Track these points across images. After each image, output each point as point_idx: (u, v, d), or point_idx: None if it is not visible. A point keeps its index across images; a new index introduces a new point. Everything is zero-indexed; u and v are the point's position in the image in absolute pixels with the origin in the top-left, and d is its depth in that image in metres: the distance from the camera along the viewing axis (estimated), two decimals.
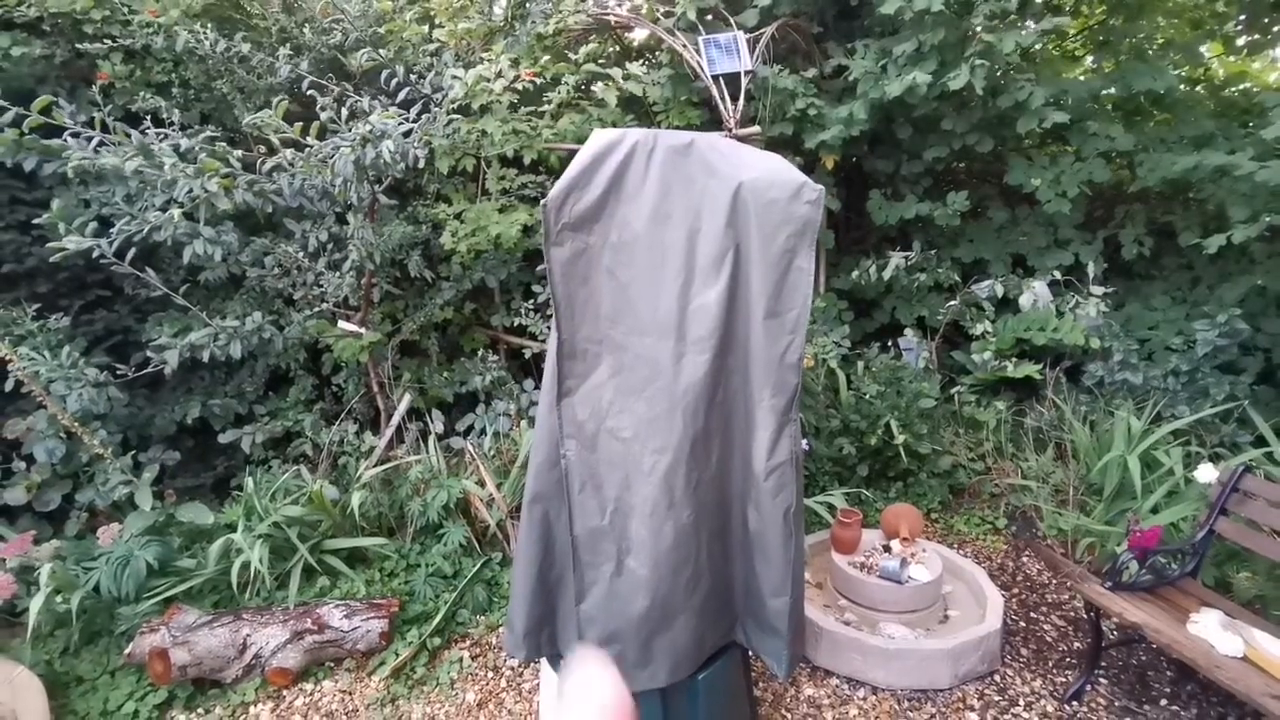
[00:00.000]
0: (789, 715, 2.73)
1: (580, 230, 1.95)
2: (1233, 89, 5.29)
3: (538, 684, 2.83)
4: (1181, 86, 5.00)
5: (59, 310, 3.72)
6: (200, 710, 2.80)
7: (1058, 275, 4.70)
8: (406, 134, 3.26)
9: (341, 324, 3.94)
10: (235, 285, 4.25)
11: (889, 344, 5.07)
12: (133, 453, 3.62)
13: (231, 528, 3.30)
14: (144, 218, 3.14)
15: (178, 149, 3.07)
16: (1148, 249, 4.89)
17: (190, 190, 2.99)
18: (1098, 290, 4.41)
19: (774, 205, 1.92)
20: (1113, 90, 4.77)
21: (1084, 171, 4.68)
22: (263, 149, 3.50)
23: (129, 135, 3.05)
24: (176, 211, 3.01)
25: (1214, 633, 2.45)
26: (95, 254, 3.18)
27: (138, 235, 3.16)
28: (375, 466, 3.76)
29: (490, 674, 2.99)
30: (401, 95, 3.52)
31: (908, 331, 5.06)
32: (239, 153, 3.28)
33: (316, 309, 4.04)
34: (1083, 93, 4.61)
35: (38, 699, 2.54)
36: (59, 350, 3.39)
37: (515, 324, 4.52)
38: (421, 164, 3.48)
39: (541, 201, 1.92)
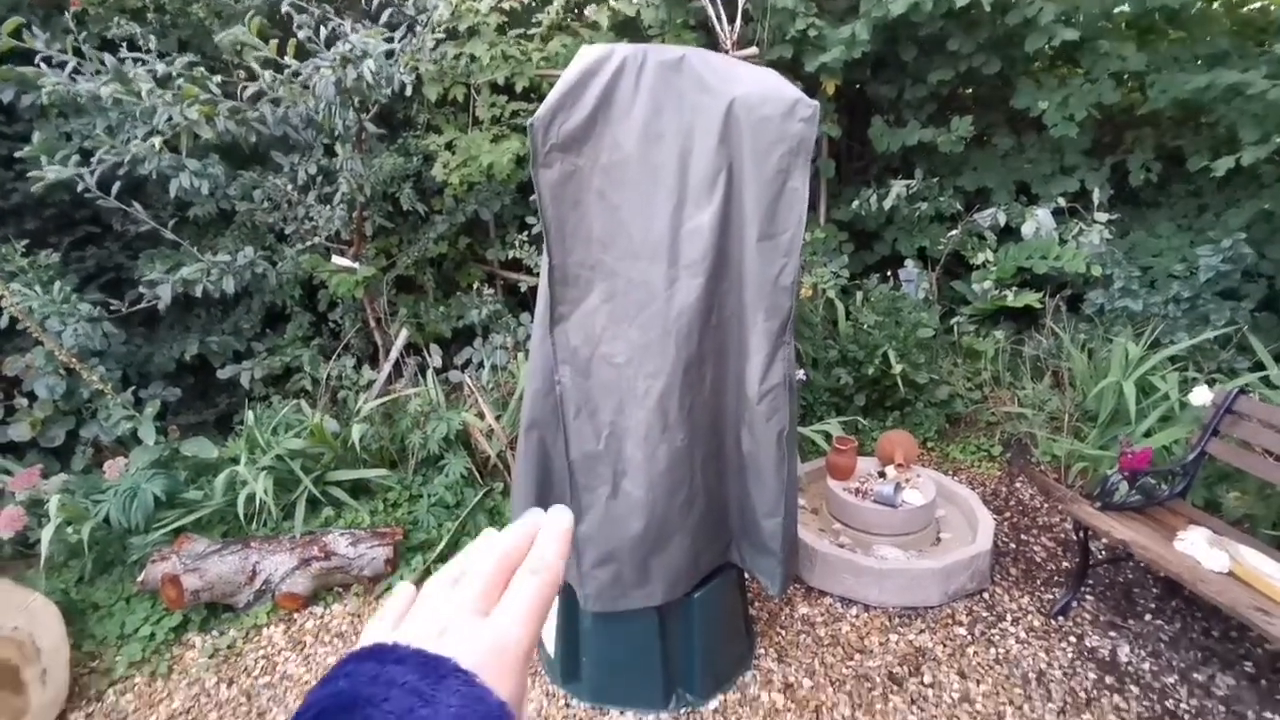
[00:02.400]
0: (784, 631, 2.82)
1: (569, 151, 1.90)
2: (1250, 6, 5.08)
3: None
4: (1198, 3, 4.80)
5: (48, 247, 3.67)
6: (215, 632, 2.90)
7: (1062, 202, 4.62)
8: (389, 54, 3.15)
9: (335, 259, 3.90)
10: (225, 221, 4.19)
11: (889, 275, 5.03)
12: (133, 389, 3.64)
13: (235, 461, 3.34)
14: (125, 148, 3.06)
15: (155, 74, 2.97)
16: (1155, 175, 4.78)
17: (170, 118, 2.91)
18: (1102, 217, 4.34)
19: (767, 123, 1.87)
20: (1126, 7, 4.57)
21: (1093, 93, 4.53)
22: (242, 74, 3.39)
23: (104, 63, 2.95)
24: (157, 140, 2.94)
25: (1200, 549, 2.50)
26: (80, 188, 3.11)
27: (121, 168, 3.10)
28: (375, 400, 3.78)
29: None
30: (385, 17, 3.39)
31: (908, 263, 5.00)
32: (219, 78, 3.18)
33: (309, 244, 3.99)
34: (1095, 9, 4.42)
35: (55, 623, 2.62)
36: (50, 286, 3.37)
37: (510, 257, 4.48)
38: (409, 91, 3.37)
39: (529, 121, 1.87)
